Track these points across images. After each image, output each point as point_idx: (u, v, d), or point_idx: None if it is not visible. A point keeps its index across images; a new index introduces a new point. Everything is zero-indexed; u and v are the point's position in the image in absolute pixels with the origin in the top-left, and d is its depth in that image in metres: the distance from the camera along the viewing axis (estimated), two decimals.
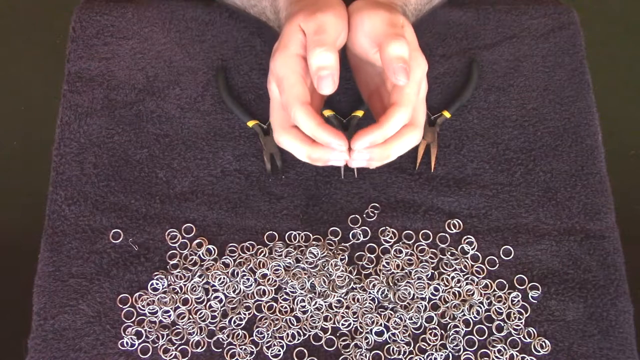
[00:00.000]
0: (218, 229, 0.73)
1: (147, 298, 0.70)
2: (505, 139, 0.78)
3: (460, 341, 0.69)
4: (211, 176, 0.75)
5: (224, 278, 0.71)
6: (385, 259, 0.72)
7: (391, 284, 0.71)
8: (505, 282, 0.71)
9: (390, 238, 0.73)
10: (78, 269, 0.71)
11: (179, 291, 0.70)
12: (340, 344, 0.68)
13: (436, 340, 0.69)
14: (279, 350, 0.68)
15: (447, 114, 0.78)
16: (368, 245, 0.73)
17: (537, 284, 0.71)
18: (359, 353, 0.68)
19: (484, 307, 0.70)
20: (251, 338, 0.69)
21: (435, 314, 0.70)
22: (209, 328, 0.69)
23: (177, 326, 0.69)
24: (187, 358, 0.68)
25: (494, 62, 0.82)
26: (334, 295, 0.70)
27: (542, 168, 0.76)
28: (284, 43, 0.61)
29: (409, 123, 0.60)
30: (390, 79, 0.58)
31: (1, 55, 1.59)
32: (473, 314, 0.70)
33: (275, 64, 0.60)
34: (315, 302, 0.70)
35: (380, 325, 0.69)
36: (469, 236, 0.73)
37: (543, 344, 0.69)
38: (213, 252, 0.72)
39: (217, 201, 0.74)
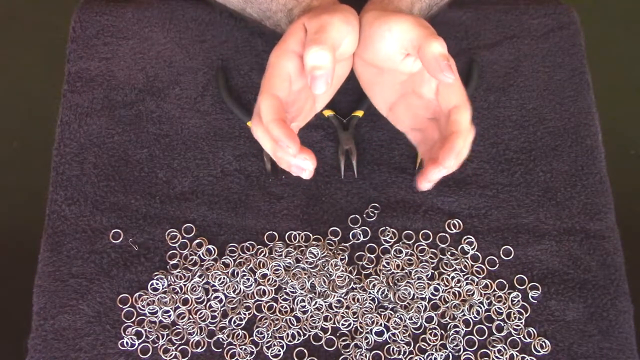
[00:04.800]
0: (218, 229, 0.73)
1: (147, 298, 0.70)
2: (505, 139, 0.78)
3: (460, 341, 0.69)
4: (211, 176, 0.75)
5: (224, 278, 0.71)
6: (385, 259, 0.72)
7: (391, 284, 0.71)
8: (505, 282, 0.71)
9: (390, 238, 0.73)
10: (78, 269, 0.71)
11: (179, 291, 0.70)
12: (340, 344, 0.68)
13: (436, 340, 0.69)
14: (279, 350, 0.68)
15: None
16: (368, 245, 0.73)
17: (537, 284, 0.71)
18: (359, 353, 0.68)
19: (484, 307, 0.70)
20: (251, 338, 0.69)
21: (435, 314, 0.70)
22: (209, 328, 0.69)
23: (177, 326, 0.69)
24: (187, 358, 0.68)
25: (494, 62, 0.82)
26: (334, 295, 0.70)
27: (542, 168, 0.76)
28: (284, 38, 0.61)
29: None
30: (437, 78, 0.58)
31: (1, 55, 1.59)
32: (473, 314, 0.70)
33: (270, 54, 0.61)
34: (315, 302, 0.70)
35: (380, 325, 0.69)
36: (469, 236, 0.73)
37: (543, 344, 0.69)
38: (213, 252, 0.72)
39: (217, 201, 0.74)
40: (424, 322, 0.69)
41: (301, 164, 0.59)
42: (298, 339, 0.69)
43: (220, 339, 0.68)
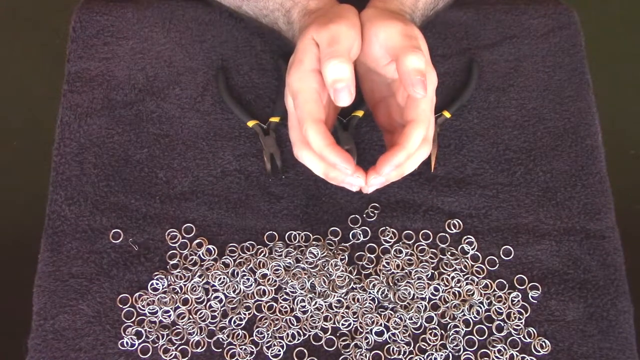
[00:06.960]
0: (218, 229, 0.73)
1: (147, 298, 0.70)
2: (505, 139, 0.78)
3: (460, 341, 0.69)
4: (211, 176, 0.75)
5: (224, 278, 0.71)
6: (385, 259, 0.72)
7: (391, 284, 0.71)
8: (505, 282, 0.71)
9: (390, 238, 0.73)
10: (78, 269, 0.71)
11: (179, 291, 0.70)
12: (340, 344, 0.68)
13: (436, 340, 0.69)
14: (279, 350, 0.68)
15: (447, 114, 0.78)
16: (368, 245, 0.73)
17: (537, 284, 0.71)
18: (359, 353, 0.68)
19: (484, 307, 0.70)
20: (251, 338, 0.69)
21: (435, 314, 0.70)
22: (209, 328, 0.69)
23: (177, 326, 0.69)
24: (187, 358, 0.68)
25: (494, 62, 0.82)
26: (334, 295, 0.70)
27: (542, 168, 0.76)
28: (298, 58, 0.61)
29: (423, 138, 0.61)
30: (408, 91, 0.58)
31: (1, 55, 1.59)
32: (473, 314, 0.70)
33: (291, 79, 0.60)
34: (315, 302, 0.70)
35: (380, 325, 0.69)
36: (469, 236, 0.73)
37: (543, 344, 0.69)
38: (213, 252, 0.72)
39: (217, 201, 0.74)
40: (424, 322, 0.69)
41: (353, 181, 0.60)
42: (298, 339, 0.69)
43: (220, 339, 0.68)
